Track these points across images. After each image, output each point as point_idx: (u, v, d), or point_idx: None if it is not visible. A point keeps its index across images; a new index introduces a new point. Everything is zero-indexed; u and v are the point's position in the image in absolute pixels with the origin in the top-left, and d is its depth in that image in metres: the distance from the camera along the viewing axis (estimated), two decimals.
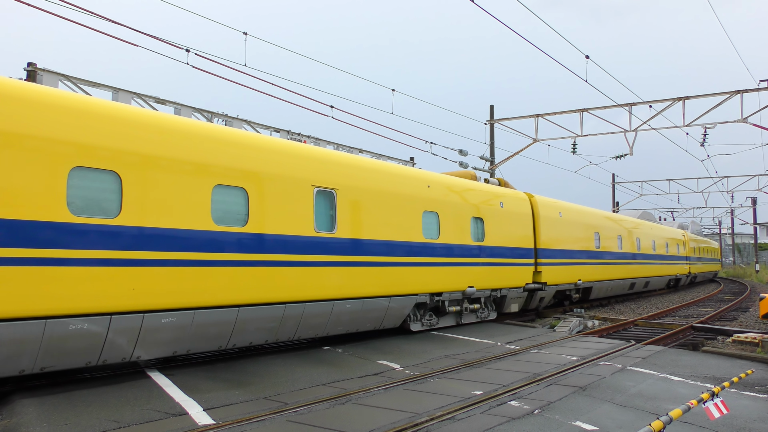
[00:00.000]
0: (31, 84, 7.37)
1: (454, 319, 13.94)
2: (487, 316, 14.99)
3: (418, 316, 12.76)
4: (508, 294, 15.44)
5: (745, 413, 6.96)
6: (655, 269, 28.78)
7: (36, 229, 6.55)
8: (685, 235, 36.42)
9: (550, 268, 17.32)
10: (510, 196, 16.06)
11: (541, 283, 16.96)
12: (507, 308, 15.61)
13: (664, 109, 23.06)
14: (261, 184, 9.14)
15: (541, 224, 17.09)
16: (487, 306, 15.02)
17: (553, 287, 17.67)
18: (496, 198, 15.35)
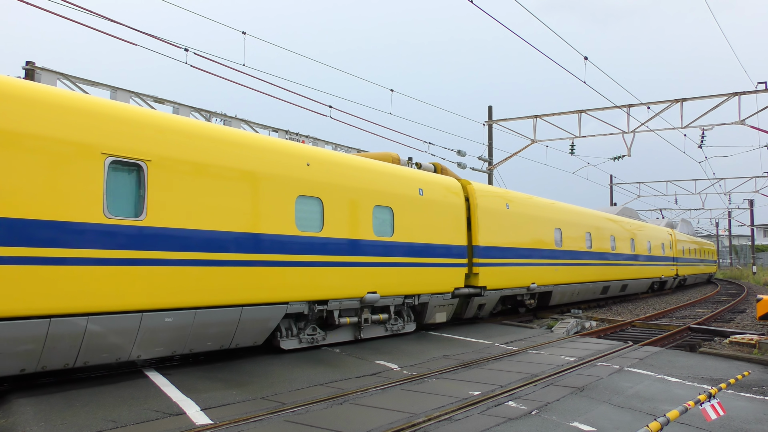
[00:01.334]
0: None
1: (351, 332, 11.24)
2: (402, 328, 12.30)
3: (294, 329, 10.11)
4: (429, 301, 12.65)
5: (742, 414, 6.97)
6: (634, 271, 25.88)
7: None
8: (673, 234, 33.74)
9: (490, 270, 14.56)
10: (434, 182, 13.13)
11: (479, 287, 14.21)
12: (430, 318, 12.92)
13: (662, 110, 23.12)
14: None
15: (479, 217, 14.23)
16: (403, 316, 12.39)
17: (496, 292, 14.98)
18: (413, 183, 12.37)
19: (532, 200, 17.74)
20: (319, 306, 10.14)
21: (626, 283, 24.74)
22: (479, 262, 14.16)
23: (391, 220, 11.64)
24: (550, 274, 17.72)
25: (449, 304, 13.42)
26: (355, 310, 11.02)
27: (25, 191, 6.59)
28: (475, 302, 14.35)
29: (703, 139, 25.45)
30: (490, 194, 15.27)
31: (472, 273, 14.06)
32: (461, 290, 13.65)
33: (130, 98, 12.35)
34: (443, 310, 13.32)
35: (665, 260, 31.07)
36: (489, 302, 14.93)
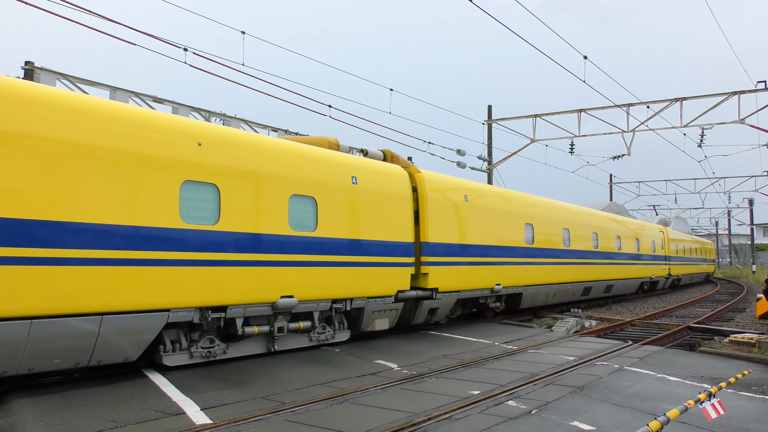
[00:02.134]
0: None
1: (263, 343, 9.62)
2: (332, 337, 10.65)
3: (183, 342, 8.42)
4: (366, 306, 10.99)
5: (742, 414, 6.98)
6: (621, 270, 24.14)
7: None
8: (665, 232, 31.87)
9: (442, 270, 12.83)
10: (372, 170, 11.43)
11: (429, 289, 12.52)
12: (368, 325, 11.27)
13: (662, 109, 23.12)
14: None
15: (428, 210, 12.53)
16: (333, 323, 10.76)
17: (451, 294, 13.28)
18: (344, 171, 10.69)
19: (498, 192, 16.08)
20: (215, 313, 8.48)
21: (611, 283, 23.02)
22: (429, 261, 12.42)
23: (314, 213, 9.94)
24: (520, 274, 16.06)
25: (392, 309, 11.68)
26: (267, 317, 9.41)
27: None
28: (424, 306, 12.61)
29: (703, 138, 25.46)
30: (443, 185, 13.40)
31: (420, 273, 12.38)
32: (407, 293, 11.90)
33: (130, 98, 12.34)
34: (384, 315, 11.58)
35: (656, 259, 29.32)
36: (443, 306, 13.20)
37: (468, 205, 13.99)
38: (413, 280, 12.24)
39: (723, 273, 61.63)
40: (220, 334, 8.98)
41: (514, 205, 16.37)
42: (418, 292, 12.30)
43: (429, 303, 12.70)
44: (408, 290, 11.98)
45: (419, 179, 12.74)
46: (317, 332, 10.43)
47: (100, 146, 7.25)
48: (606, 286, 22.60)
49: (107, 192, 7.24)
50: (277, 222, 9.35)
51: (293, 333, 9.97)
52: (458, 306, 14.41)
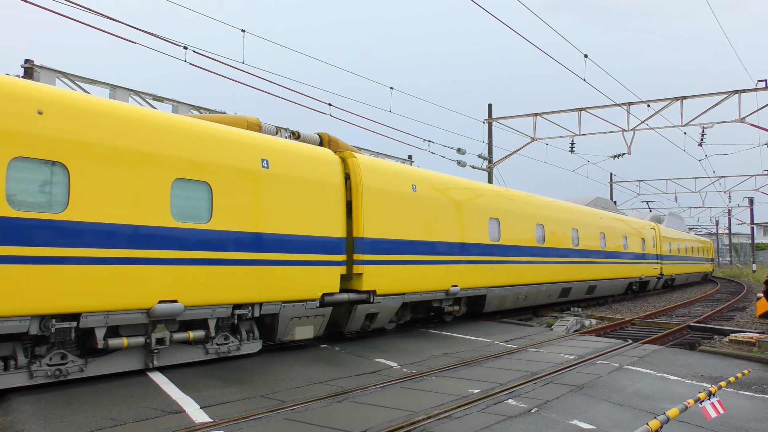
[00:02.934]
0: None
1: (139, 358, 7.96)
2: (236, 349, 9.08)
3: (22, 357, 6.91)
4: (281, 312, 9.42)
5: (742, 413, 6.98)
6: (606, 270, 22.42)
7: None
8: (657, 229, 30.06)
9: (381, 269, 11.20)
10: (291, 152, 9.85)
11: (364, 291, 10.93)
12: (286, 334, 9.72)
13: (662, 108, 23.10)
14: None
15: (364, 201, 10.95)
16: (241, 331, 9.18)
17: (393, 297, 11.60)
18: (251, 152, 9.11)
19: (457, 183, 14.22)
20: (63, 322, 6.97)
21: (594, 284, 21.37)
22: (364, 260, 10.80)
23: (209, 201, 8.39)
24: (482, 274, 14.44)
25: (317, 314, 10.06)
26: (144, 326, 7.86)
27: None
28: (359, 311, 10.94)
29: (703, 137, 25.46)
30: (385, 172, 11.74)
31: (353, 273, 10.82)
32: (335, 296, 10.32)
33: (130, 96, 12.33)
34: (307, 323, 9.98)
35: (647, 258, 27.71)
36: (384, 311, 11.51)
37: (417, 197, 12.30)
38: (345, 282, 10.72)
39: (723, 272, 61.62)
40: (81, 347, 7.49)
41: (477, 197, 14.78)
42: (351, 295, 10.67)
43: (365, 308, 10.99)
44: (337, 293, 10.35)
45: (353, 165, 11.04)
46: (216, 343, 8.82)
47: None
48: (588, 286, 20.97)
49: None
50: (153, 211, 7.73)
51: (184, 344, 8.47)
52: (406, 310, 12.78)
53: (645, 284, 28.27)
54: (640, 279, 26.74)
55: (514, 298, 16.12)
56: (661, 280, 30.31)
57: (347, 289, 10.78)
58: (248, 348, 9.33)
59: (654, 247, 29.04)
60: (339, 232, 10.40)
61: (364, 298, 10.99)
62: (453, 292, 13.34)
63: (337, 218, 10.39)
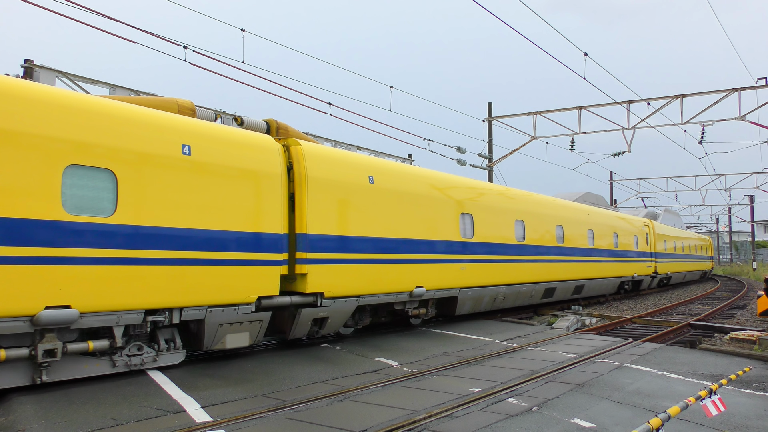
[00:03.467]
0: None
1: (25, 373, 6.89)
2: (152, 360, 7.98)
3: None
4: (207, 317, 8.29)
5: (743, 411, 6.98)
6: (594, 269, 21.24)
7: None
8: (650, 226, 28.93)
9: (332, 269, 10.17)
10: (220, 138, 8.78)
11: (310, 294, 9.82)
12: (215, 342, 8.62)
13: (663, 106, 23.09)
14: None
15: (310, 194, 9.84)
16: (159, 340, 8.07)
17: (347, 300, 10.51)
18: (169, 136, 8.04)
19: (421, 175, 13.12)
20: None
21: (582, 283, 20.18)
22: (309, 258, 9.72)
23: (113, 191, 7.32)
24: (452, 274, 13.34)
25: (252, 320, 8.96)
26: (30, 336, 6.80)
27: None
28: (305, 316, 9.80)
29: (704, 135, 25.48)
30: (334, 162, 10.64)
31: (297, 274, 9.71)
32: (275, 300, 9.24)
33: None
34: (240, 329, 8.86)
35: (640, 256, 26.66)
36: (335, 315, 10.39)
37: (374, 189, 11.17)
38: (289, 283, 9.75)
39: (723, 270, 61.61)
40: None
41: (447, 191, 13.55)
42: (294, 297, 9.61)
43: (311, 312, 9.88)
44: (277, 296, 9.26)
45: (297, 153, 9.92)
46: (126, 354, 7.72)
47: None
48: (575, 286, 19.79)
49: None
50: (41, 201, 6.73)
51: (85, 356, 7.38)
52: (364, 314, 11.70)
53: (638, 283, 27.15)
54: (633, 278, 25.61)
55: (490, 299, 15.06)
56: (655, 279, 29.26)
57: (290, 292, 9.72)
58: (167, 360, 8.17)
59: (648, 244, 28.01)
60: (279, 228, 9.29)
61: (310, 302, 9.85)
62: (418, 294, 12.15)
63: (276, 212, 9.27)
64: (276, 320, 9.83)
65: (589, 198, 26.56)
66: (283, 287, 9.51)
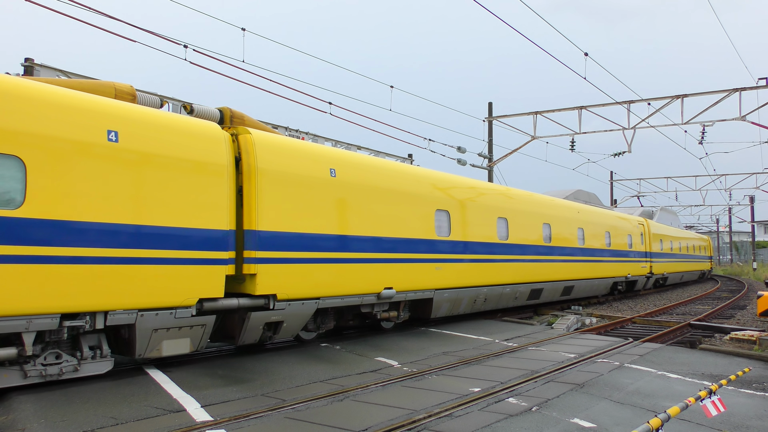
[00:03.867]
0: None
1: None
2: (73, 370, 7.21)
3: None
4: (138, 322, 7.51)
5: (743, 411, 6.98)
6: (585, 269, 20.40)
7: None
8: (645, 225, 28.07)
9: (287, 270, 9.31)
10: (153, 123, 7.95)
11: (261, 296, 8.96)
12: (150, 349, 7.81)
13: (663, 106, 23.08)
14: None
15: (261, 187, 9.01)
16: (82, 347, 7.30)
17: (304, 303, 9.63)
18: (90, 120, 7.26)
19: (391, 168, 12.24)
20: None
21: (571, 284, 19.36)
22: (259, 257, 8.89)
23: (22, 180, 6.56)
24: (427, 274, 12.49)
25: (193, 325, 8.09)
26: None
27: None
28: (255, 320, 8.92)
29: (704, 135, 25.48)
30: (290, 153, 9.80)
31: (246, 274, 8.87)
32: (219, 302, 8.38)
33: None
34: (179, 335, 7.99)
35: (634, 255, 25.76)
36: (290, 318, 9.52)
37: (336, 183, 10.33)
38: (238, 284, 8.98)
39: (724, 270, 61.62)
40: None
41: (420, 186, 12.70)
42: (242, 300, 8.77)
43: (262, 315, 9.03)
44: (222, 298, 8.41)
45: (246, 142, 9.06)
46: (41, 363, 6.93)
47: None
48: (564, 287, 18.98)
49: None
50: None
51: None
52: (326, 317, 10.84)
53: (632, 284, 26.26)
54: (627, 278, 24.72)
55: (470, 301, 14.23)
56: (650, 280, 28.32)
57: (240, 294, 8.93)
58: (91, 369, 7.35)
59: (643, 244, 27.16)
60: (224, 224, 8.45)
61: (261, 304, 9.00)
62: (387, 296, 11.33)
63: (220, 207, 8.43)
64: (226, 325, 9.14)
65: (581, 196, 25.97)
66: (232, 288, 8.80)
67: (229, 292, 8.74)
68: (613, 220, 24.35)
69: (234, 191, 8.80)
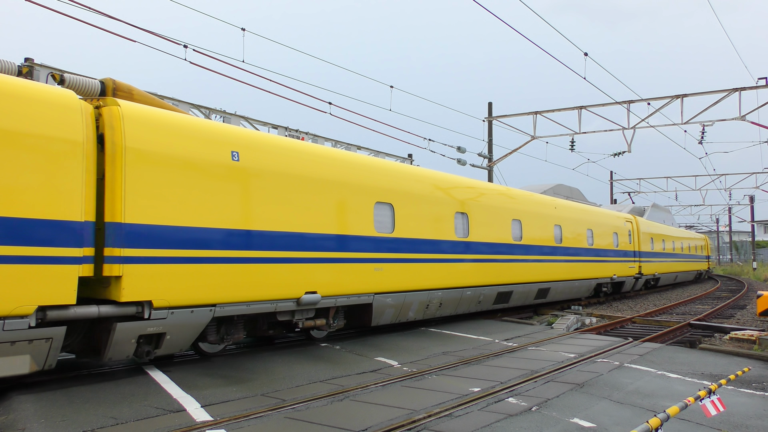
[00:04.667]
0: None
1: None
2: None
3: None
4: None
5: (742, 410, 6.98)
6: (562, 270, 18.67)
7: None
8: (634, 222, 26.39)
9: (166, 271, 7.75)
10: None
11: (131, 303, 7.37)
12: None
13: (663, 106, 23.10)
14: None
15: (129, 169, 7.47)
16: None
17: (194, 311, 8.08)
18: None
19: (317, 154, 10.59)
20: None
21: (546, 286, 17.73)
22: (126, 256, 7.31)
23: None
24: (364, 276, 10.96)
25: (32, 338, 6.57)
26: None
27: None
28: (124, 333, 7.37)
29: (704, 135, 25.50)
30: (175, 130, 8.21)
31: (108, 276, 7.25)
32: (69, 311, 6.84)
33: None
34: (13, 352, 6.47)
35: (621, 255, 24.10)
36: (176, 330, 7.95)
37: (240, 169, 8.82)
38: (103, 288, 7.41)
39: (723, 270, 61.66)
40: None
41: (356, 176, 11.03)
42: (104, 308, 7.17)
43: (134, 327, 7.46)
44: (74, 305, 6.87)
45: (112, 117, 7.47)
46: None
47: None
48: (538, 290, 17.35)
49: None
50: None
51: None
52: (233, 327, 9.25)
53: (619, 285, 24.49)
54: (612, 279, 23.03)
55: (420, 306, 12.52)
56: (639, 281, 26.61)
57: (97, 300, 7.34)
58: None
59: (631, 243, 25.49)
60: (76, 213, 6.92)
61: (132, 313, 7.41)
62: (309, 301, 9.68)
63: (71, 192, 6.90)
64: (93, 337, 7.61)
65: (561, 190, 23.93)
66: (96, 294, 7.41)
67: (91, 297, 7.33)
68: (596, 216, 22.58)
69: (93, 174, 7.25)
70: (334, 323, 10.88)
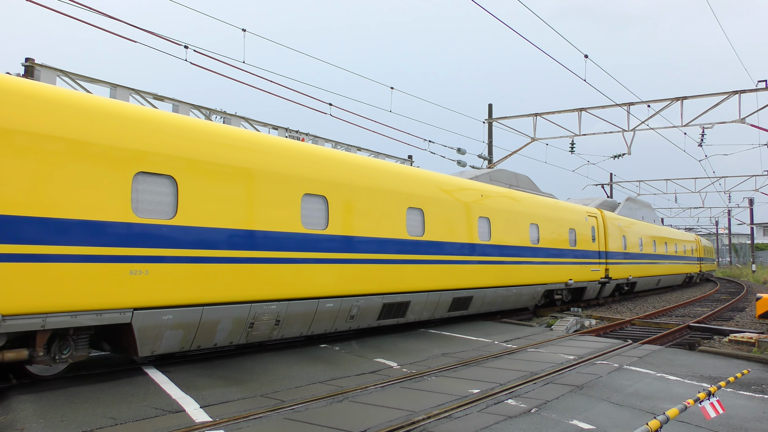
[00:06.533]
0: None
1: None
2: None
3: None
4: None
5: (741, 413, 6.98)
6: (489, 274, 14.90)
7: None
8: (600, 217, 22.37)
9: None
10: None
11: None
12: None
13: (663, 108, 23.11)
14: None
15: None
16: None
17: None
18: None
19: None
20: None
21: (466, 294, 14.12)
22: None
23: None
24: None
25: None
26: None
27: None
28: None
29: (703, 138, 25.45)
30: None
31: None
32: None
33: (130, 95, 12.33)
34: None
35: (580, 255, 20.04)
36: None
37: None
38: None
39: (723, 272, 61.68)
40: None
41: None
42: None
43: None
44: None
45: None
46: None
47: None
48: (453, 299, 13.71)
49: None
50: None
51: None
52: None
53: (580, 292, 20.73)
54: (567, 285, 19.09)
55: (236, 325, 8.72)
56: (607, 286, 22.76)
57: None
58: None
59: (595, 241, 21.48)
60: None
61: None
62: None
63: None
64: None
65: (501, 177, 18.17)
66: None
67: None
68: (545, 209, 18.38)
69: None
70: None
